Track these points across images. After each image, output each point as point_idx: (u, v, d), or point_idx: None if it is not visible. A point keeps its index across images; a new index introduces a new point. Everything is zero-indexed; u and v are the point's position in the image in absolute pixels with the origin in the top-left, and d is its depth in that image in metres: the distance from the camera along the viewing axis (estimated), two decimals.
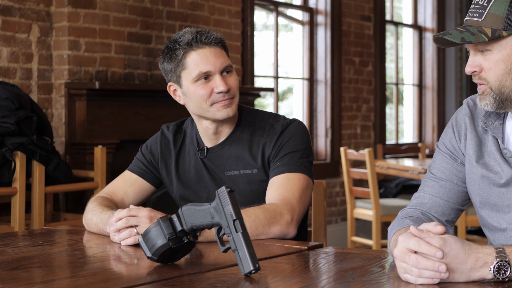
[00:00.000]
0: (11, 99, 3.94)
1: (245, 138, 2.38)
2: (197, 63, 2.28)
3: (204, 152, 2.41)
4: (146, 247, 1.75)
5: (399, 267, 1.60)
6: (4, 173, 3.89)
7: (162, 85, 5.10)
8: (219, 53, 2.30)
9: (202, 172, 2.41)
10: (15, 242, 2.19)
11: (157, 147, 2.46)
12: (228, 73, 2.32)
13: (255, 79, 6.21)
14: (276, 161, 2.31)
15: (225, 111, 2.30)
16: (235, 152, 2.37)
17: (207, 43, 2.28)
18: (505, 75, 1.79)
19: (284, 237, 2.17)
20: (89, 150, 4.55)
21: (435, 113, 8.35)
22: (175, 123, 2.50)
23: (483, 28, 1.77)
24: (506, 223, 1.87)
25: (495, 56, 1.79)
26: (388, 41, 7.94)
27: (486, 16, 1.78)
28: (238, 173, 2.36)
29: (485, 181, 1.89)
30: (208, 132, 2.39)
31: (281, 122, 2.37)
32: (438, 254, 1.54)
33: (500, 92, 1.80)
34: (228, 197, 1.69)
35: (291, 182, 2.25)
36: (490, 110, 1.83)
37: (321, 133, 6.90)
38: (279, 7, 6.64)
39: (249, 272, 1.63)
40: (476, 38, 1.76)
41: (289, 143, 2.32)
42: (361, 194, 5.60)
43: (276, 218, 2.13)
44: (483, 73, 1.81)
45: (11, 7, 4.38)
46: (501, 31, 1.76)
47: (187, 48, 2.28)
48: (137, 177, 2.45)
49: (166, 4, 5.18)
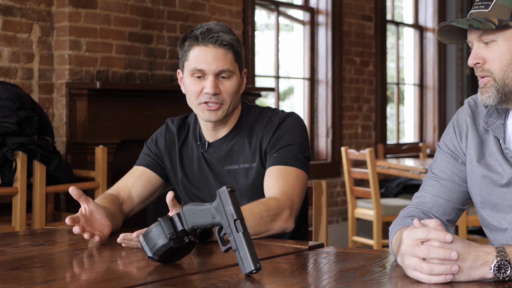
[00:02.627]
0: (12, 99, 3.94)
1: (246, 133, 2.41)
2: (196, 58, 2.32)
3: (205, 146, 2.43)
4: (147, 247, 1.75)
5: (408, 265, 1.59)
6: (5, 173, 3.89)
7: (163, 85, 5.11)
8: (222, 55, 2.31)
9: (203, 166, 2.43)
10: (16, 242, 2.19)
11: (162, 139, 2.49)
12: (225, 77, 2.33)
13: (256, 79, 6.21)
14: (273, 152, 2.33)
15: (208, 114, 2.33)
16: (235, 147, 2.40)
17: (212, 42, 2.31)
18: (510, 65, 1.80)
19: (284, 231, 2.20)
20: (90, 150, 4.55)
21: (436, 113, 8.34)
22: (180, 116, 2.54)
23: (490, 18, 1.79)
24: (507, 223, 1.87)
25: (500, 46, 1.80)
26: (389, 41, 7.93)
27: (493, 7, 1.79)
28: (237, 167, 2.39)
29: (486, 181, 1.89)
30: (207, 127, 2.42)
31: (279, 115, 2.40)
32: (447, 237, 1.54)
33: (504, 83, 1.80)
34: (229, 197, 1.69)
35: (291, 177, 2.27)
36: (492, 104, 1.83)
37: (322, 133, 6.90)
38: (280, 7, 6.64)
39: (250, 272, 1.63)
40: (484, 25, 1.77)
41: (286, 136, 2.35)
42: (362, 194, 5.60)
43: (278, 215, 2.16)
44: (486, 64, 1.82)
45: (12, 7, 4.38)
46: (508, 21, 1.78)
47: (193, 41, 2.33)
48: (144, 168, 2.47)
49: (167, 4, 5.18)
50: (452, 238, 1.54)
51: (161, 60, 5.16)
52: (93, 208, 2.12)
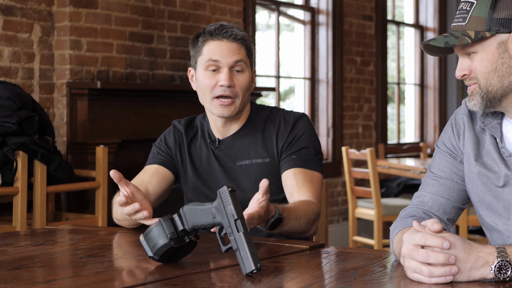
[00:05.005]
0: (13, 99, 3.94)
1: (257, 130, 2.45)
2: (211, 51, 2.37)
3: (215, 143, 2.46)
4: (147, 246, 1.75)
5: (408, 267, 1.60)
6: (6, 173, 3.90)
7: (164, 85, 5.11)
8: (236, 49, 2.37)
9: (212, 163, 2.45)
10: (17, 241, 2.19)
11: (171, 138, 2.51)
12: (239, 71, 2.38)
13: (257, 78, 6.21)
14: (291, 153, 2.39)
15: (221, 109, 2.37)
16: (247, 143, 2.44)
17: (227, 36, 2.37)
18: (491, 73, 1.82)
19: (312, 235, 2.32)
20: (91, 149, 4.55)
21: (437, 113, 8.34)
22: (186, 118, 2.57)
23: (467, 31, 1.82)
24: (502, 225, 1.88)
25: (480, 56, 1.83)
26: (390, 41, 7.93)
27: (469, 20, 1.82)
28: (249, 162, 2.42)
29: (483, 180, 1.90)
30: (217, 124, 2.45)
31: (292, 115, 2.46)
32: (445, 244, 1.55)
33: (487, 90, 1.83)
34: (229, 196, 1.69)
35: (317, 181, 2.37)
36: (478, 110, 1.87)
37: (323, 133, 6.90)
38: (281, 6, 6.64)
39: (250, 271, 1.63)
40: (460, 40, 1.81)
41: (304, 137, 2.41)
42: (362, 194, 5.60)
43: (316, 220, 2.28)
44: (472, 74, 1.85)
45: (12, 6, 4.38)
46: (484, 32, 1.81)
47: (207, 36, 2.38)
48: (158, 166, 2.48)
49: (167, 4, 5.19)
50: (450, 245, 1.55)
51: (162, 60, 5.16)
52: (133, 189, 2.12)
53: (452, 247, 1.56)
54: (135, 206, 2.06)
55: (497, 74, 1.82)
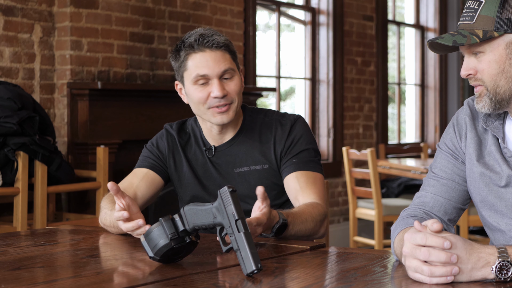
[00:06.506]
0: (14, 99, 3.94)
1: (253, 135, 2.42)
2: (196, 65, 2.31)
3: (211, 151, 2.43)
4: (148, 247, 1.75)
5: (409, 267, 1.60)
6: (7, 173, 3.90)
7: (164, 85, 5.11)
8: (221, 57, 2.31)
9: (210, 171, 2.43)
10: (18, 242, 2.19)
11: (164, 143, 2.48)
12: (228, 78, 2.33)
13: (257, 79, 6.21)
14: (292, 157, 2.37)
15: (220, 117, 2.33)
16: (244, 149, 2.41)
17: (209, 46, 2.30)
18: (499, 74, 1.81)
19: (321, 236, 2.31)
20: (92, 150, 4.55)
21: (437, 113, 8.34)
22: (177, 122, 2.53)
23: (475, 30, 1.80)
24: (505, 225, 1.88)
25: (488, 57, 1.81)
26: (390, 41, 7.93)
27: (477, 19, 1.80)
28: (248, 169, 2.40)
29: (485, 180, 1.90)
30: (213, 132, 2.42)
31: (288, 118, 2.44)
32: (446, 244, 1.55)
33: (495, 92, 1.82)
34: (230, 197, 1.69)
35: (319, 183, 2.36)
36: (487, 112, 1.86)
37: (323, 133, 6.89)
38: (281, 7, 6.64)
39: (251, 272, 1.63)
40: (468, 40, 1.79)
41: (302, 140, 2.39)
42: (363, 194, 5.60)
43: (323, 221, 2.27)
44: (478, 74, 1.84)
45: (13, 7, 4.38)
46: (492, 32, 1.79)
47: (189, 50, 2.32)
48: (148, 170, 2.45)
49: (168, 4, 5.19)
50: (450, 245, 1.55)
51: (163, 60, 5.16)
52: (129, 202, 2.11)
53: (453, 247, 1.56)
54: (139, 222, 2.02)
55: (505, 75, 1.81)
